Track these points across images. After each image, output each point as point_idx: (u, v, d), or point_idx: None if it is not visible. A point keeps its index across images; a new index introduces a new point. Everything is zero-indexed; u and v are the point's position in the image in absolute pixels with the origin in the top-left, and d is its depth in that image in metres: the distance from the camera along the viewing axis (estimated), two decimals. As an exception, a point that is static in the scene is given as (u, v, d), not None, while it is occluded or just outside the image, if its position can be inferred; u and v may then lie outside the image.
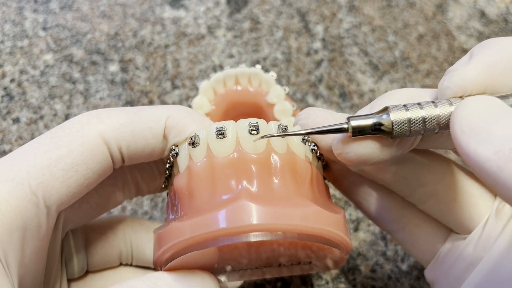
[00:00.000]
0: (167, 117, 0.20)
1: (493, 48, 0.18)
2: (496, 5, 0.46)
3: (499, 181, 0.14)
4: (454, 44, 0.43)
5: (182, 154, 0.20)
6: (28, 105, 0.36)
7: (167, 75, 0.39)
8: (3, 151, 0.34)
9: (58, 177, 0.18)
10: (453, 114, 0.17)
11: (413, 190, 0.22)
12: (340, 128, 0.18)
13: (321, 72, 0.40)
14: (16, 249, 0.17)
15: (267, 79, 0.30)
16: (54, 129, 0.19)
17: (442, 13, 0.45)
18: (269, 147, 0.20)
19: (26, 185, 0.17)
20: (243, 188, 0.19)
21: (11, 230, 0.17)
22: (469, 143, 0.15)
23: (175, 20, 0.42)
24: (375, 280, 0.31)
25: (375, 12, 0.44)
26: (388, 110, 0.18)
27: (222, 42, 0.41)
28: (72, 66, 0.39)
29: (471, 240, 0.21)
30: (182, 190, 0.20)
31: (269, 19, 0.43)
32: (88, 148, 0.19)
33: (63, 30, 0.40)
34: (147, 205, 0.33)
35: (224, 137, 0.19)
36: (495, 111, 0.16)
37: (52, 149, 0.18)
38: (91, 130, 0.19)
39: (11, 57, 0.38)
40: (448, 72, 0.18)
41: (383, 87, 0.40)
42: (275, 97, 0.31)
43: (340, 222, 0.20)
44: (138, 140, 0.20)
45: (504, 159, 0.14)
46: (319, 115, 0.21)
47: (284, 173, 0.19)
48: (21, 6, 0.41)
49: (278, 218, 0.18)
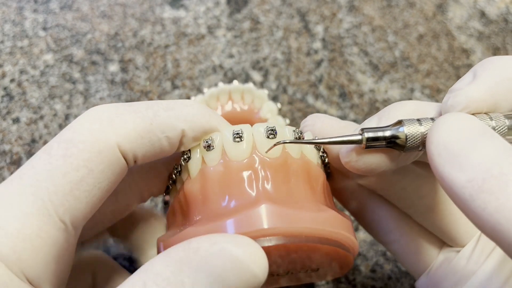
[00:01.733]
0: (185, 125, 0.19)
1: (496, 68, 0.18)
2: (496, 5, 0.46)
3: (470, 210, 0.14)
4: (454, 44, 0.43)
5: (195, 158, 0.20)
6: (28, 105, 0.36)
7: (167, 75, 0.39)
8: (3, 151, 0.34)
9: (83, 199, 0.17)
10: (429, 132, 0.16)
11: (411, 201, 0.22)
12: (354, 139, 0.18)
13: (321, 72, 0.40)
14: (52, 280, 0.17)
15: (260, 95, 0.30)
16: (64, 142, 0.17)
17: (442, 13, 0.45)
18: (284, 152, 0.19)
19: (54, 215, 0.17)
20: (262, 191, 0.18)
21: (47, 263, 0.17)
22: (444, 166, 0.15)
23: (175, 20, 0.42)
24: (375, 280, 0.31)
25: (375, 12, 0.44)
26: (402, 123, 0.18)
27: (222, 42, 0.41)
28: (72, 66, 0.38)
29: (464, 254, 0.21)
30: (195, 195, 0.19)
31: (269, 19, 0.43)
32: (107, 165, 0.18)
33: (63, 30, 0.40)
34: (147, 205, 0.33)
35: (241, 140, 0.19)
36: (473, 133, 0.16)
37: (69, 171, 0.17)
38: (108, 144, 0.18)
39: (11, 57, 0.38)
40: (452, 91, 0.18)
41: (383, 87, 0.40)
42: (268, 113, 0.31)
43: (351, 228, 0.20)
44: (155, 149, 0.19)
45: (477, 189, 0.14)
46: (325, 122, 0.21)
47: (300, 178, 0.19)
48: (21, 6, 0.41)
49: (302, 221, 0.17)
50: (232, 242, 0.15)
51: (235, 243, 0.15)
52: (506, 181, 0.14)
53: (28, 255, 0.16)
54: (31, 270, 0.16)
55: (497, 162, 0.14)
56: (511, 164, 0.14)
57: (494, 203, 0.14)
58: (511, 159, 0.14)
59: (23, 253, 0.16)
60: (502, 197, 0.13)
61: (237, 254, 0.15)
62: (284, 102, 0.38)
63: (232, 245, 0.15)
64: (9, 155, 0.34)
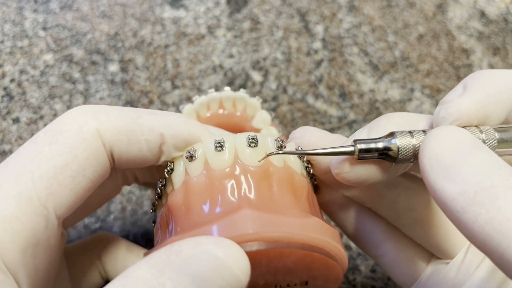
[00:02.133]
0: (165, 130, 0.19)
1: (487, 81, 0.18)
2: (496, 5, 0.46)
3: (461, 222, 0.14)
4: (454, 44, 0.43)
5: (178, 170, 0.20)
6: (28, 105, 0.36)
7: (167, 75, 0.39)
8: (3, 151, 0.34)
9: (67, 185, 0.17)
10: (422, 145, 0.17)
11: (400, 214, 0.22)
12: (346, 151, 0.18)
13: (321, 72, 0.40)
14: (29, 268, 0.16)
15: (252, 103, 0.29)
16: (50, 132, 0.18)
17: (442, 13, 0.45)
18: (267, 160, 0.19)
19: (36, 199, 0.16)
20: (244, 197, 0.18)
21: (25, 249, 0.16)
22: (436, 178, 0.15)
23: (175, 20, 0.42)
24: (375, 280, 0.31)
25: (375, 12, 0.44)
26: (394, 135, 0.18)
27: (222, 42, 0.41)
28: (72, 66, 0.39)
29: (454, 265, 0.21)
30: (178, 206, 0.19)
31: (269, 19, 0.43)
32: (92, 152, 0.18)
33: (63, 30, 0.40)
34: (147, 205, 0.33)
35: (222, 150, 0.19)
36: (465, 146, 0.16)
37: (54, 156, 0.17)
38: (91, 133, 0.18)
39: (11, 57, 0.38)
40: (443, 103, 0.18)
41: (383, 87, 0.40)
42: (262, 123, 0.30)
43: (339, 238, 0.20)
44: (133, 150, 0.19)
45: (469, 201, 0.14)
46: (314, 135, 0.21)
47: (282, 186, 0.19)
48: (21, 6, 0.41)
49: (284, 226, 0.17)
50: (214, 244, 0.15)
51: (217, 244, 0.15)
52: (497, 194, 0.14)
53: (6, 237, 0.16)
54: (8, 254, 0.16)
55: (488, 175, 0.14)
56: (501, 176, 0.14)
57: (484, 215, 0.14)
58: (501, 172, 0.15)
59: (1, 235, 0.16)
60: (492, 209, 0.14)
61: (219, 255, 0.15)
62: (284, 102, 0.38)
63: (214, 247, 0.15)
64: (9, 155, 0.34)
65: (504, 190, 0.14)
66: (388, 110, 0.39)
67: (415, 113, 0.20)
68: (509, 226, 0.13)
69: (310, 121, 0.38)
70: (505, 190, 0.14)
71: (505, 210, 0.14)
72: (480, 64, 0.42)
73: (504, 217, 0.13)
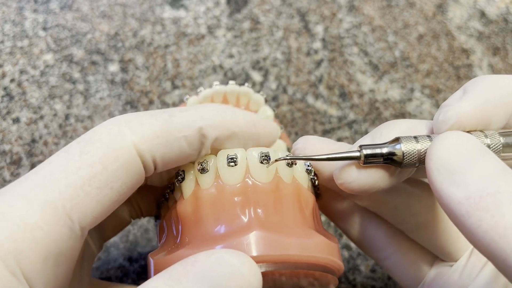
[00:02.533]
0: (201, 125, 0.19)
1: (486, 85, 0.18)
2: (496, 5, 0.46)
3: (465, 226, 0.15)
4: (454, 44, 0.43)
5: (188, 180, 0.20)
6: (28, 105, 0.36)
7: (167, 75, 0.39)
8: (3, 151, 0.34)
9: (93, 196, 0.17)
10: (429, 150, 0.17)
11: (403, 218, 0.22)
12: (352, 156, 0.19)
13: (321, 72, 0.40)
14: (48, 277, 0.16)
15: (256, 99, 0.30)
16: (83, 142, 0.18)
17: (442, 13, 0.45)
18: (276, 176, 0.20)
19: (60, 208, 0.16)
20: (254, 217, 0.19)
21: (45, 258, 0.16)
22: (443, 183, 0.16)
23: (175, 20, 0.42)
24: (375, 280, 0.31)
25: (375, 12, 0.44)
26: (399, 140, 0.18)
27: (222, 42, 0.41)
28: (72, 66, 0.39)
29: (457, 268, 0.22)
30: (187, 215, 0.20)
31: (269, 19, 0.43)
32: (122, 164, 0.17)
33: (63, 30, 0.40)
34: (147, 205, 0.33)
35: (235, 165, 0.19)
36: (471, 151, 0.16)
37: (84, 166, 0.17)
38: (124, 143, 0.18)
39: (11, 57, 0.38)
40: (443, 107, 0.19)
41: (383, 87, 0.40)
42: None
43: (338, 250, 0.21)
44: (173, 150, 0.19)
45: (474, 206, 0.14)
46: (316, 145, 0.21)
47: (290, 202, 0.20)
48: (21, 6, 0.41)
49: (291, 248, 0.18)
50: (229, 253, 0.16)
51: (231, 253, 0.16)
52: (502, 199, 0.14)
53: (26, 245, 0.15)
54: (27, 262, 0.15)
55: (494, 180, 0.15)
56: (506, 182, 0.14)
57: (489, 220, 0.14)
58: (507, 178, 0.15)
59: (22, 243, 0.15)
60: (497, 214, 0.14)
61: (234, 263, 0.15)
62: (284, 102, 0.38)
63: (229, 256, 0.16)
64: (9, 155, 0.34)
65: (509, 196, 0.14)
66: (388, 110, 0.39)
67: (416, 119, 0.20)
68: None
69: (310, 121, 0.38)
70: (510, 196, 0.14)
71: (509, 216, 0.14)
72: (480, 64, 0.42)
73: (508, 222, 0.14)
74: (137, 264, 0.31)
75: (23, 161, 0.34)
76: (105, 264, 0.31)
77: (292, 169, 0.20)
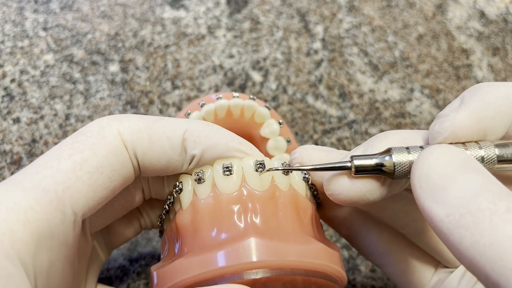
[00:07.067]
0: (186, 129, 0.20)
1: (484, 94, 0.18)
2: (496, 5, 0.46)
3: (448, 242, 0.15)
4: (454, 44, 0.43)
5: (186, 190, 0.20)
6: (29, 105, 0.36)
7: (167, 75, 0.39)
8: (3, 151, 0.34)
9: (85, 180, 0.17)
10: (413, 165, 0.17)
11: (404, 224, 0.22)
12: (343, 166, 0.18)
13: (321, 72, 0.40)
14: (43, 259, 0.16)
15: (261, 112, 0.29)
16: (75, 134, 0.19)
17: (442, 13, 0.45)
18: (273, 184, 0.20)
19: (52, 191, 0.17)
20: (251, 224, 0.19)
21: (39, 239, 0.16)
22: (425, 199, 0.16)
23: (175, 20, 0.42)
24: (375, 280, 0.32)
25: (375, 12, 0.44)
26: (391, 151, 0.18)
27: (222, 42, 0.41)
28: (72, 66, 0.39)
29: (456, 275, 0.22)
30: (186, 226, 0.20)
31: (269, 19, 0.43)
32: (111, 150, 0.18)
33: (63, 30, 0.40)
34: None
35: (230, 174, 0.20)
36: (455, 167, 0.16)
37: (75, 152, 0.18)
38: (111, 133, 0.19)
39: (12, 57, 0.38)
40: (439, 117, 0.18)
41: (383, 87, 0.40)
42: (270, 133, 0.30)
43: (340, 259, 0.20)
44: (155, 148, 0.19)
45: (454, 224, 0.14)
46: (313, 155, 0.21)
47: (288, 210, 0.20)
48: (21, 6, 0.41)
49: (288, 254, 0.18)
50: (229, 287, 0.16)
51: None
52: (482, 217, 0.14)
53: (19, 226, 0.16)
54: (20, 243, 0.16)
55: (475, 198, 0.15)
56: (488, 200, 0.14)
57: (469, 238, 0.14)
58: (489, 195, 0.14)
59: (15, 224, 0.16)
60: (476, 232, 0.14)
61: None
62: (284, 102, 0.38)
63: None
64: (10, 155, 0.34)
65: (489, 214, 0.14)
66: (388, 110, 0.39)
67: (411, 130, 0.20)
68: (492, 250, 0.13)
69: (310, 121, 0.38)
70: (490, 214, 0.14)
71: (488, 235, 0.14)
72: (479, 64, 0.43)
73: (487, 241, 0.14)
74: (137, 264, 0.31)
75: (23, 161, 0.34)
76: (105, 264, 0.31)
77: (288, 177, 0.21)
